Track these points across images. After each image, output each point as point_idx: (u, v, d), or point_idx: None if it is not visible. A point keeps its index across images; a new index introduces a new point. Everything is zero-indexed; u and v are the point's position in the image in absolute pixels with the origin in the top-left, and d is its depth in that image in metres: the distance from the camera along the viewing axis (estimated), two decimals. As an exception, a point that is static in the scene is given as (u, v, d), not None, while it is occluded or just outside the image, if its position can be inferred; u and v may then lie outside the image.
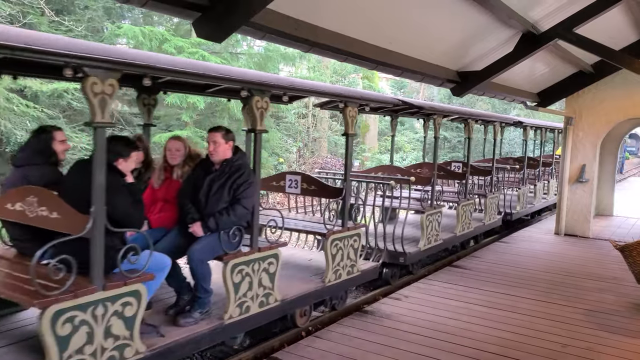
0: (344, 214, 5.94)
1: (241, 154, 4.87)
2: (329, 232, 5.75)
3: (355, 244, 6.17)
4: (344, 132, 5.96)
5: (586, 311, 6.20)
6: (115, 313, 3.68)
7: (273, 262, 5.03)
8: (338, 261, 5.90)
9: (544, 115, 22.76)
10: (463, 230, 9.31)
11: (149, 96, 5.61)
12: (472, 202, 9.66)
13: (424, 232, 7.92)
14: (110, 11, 16.92)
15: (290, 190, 6.45)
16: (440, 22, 6.40)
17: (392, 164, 10.10)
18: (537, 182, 13.74)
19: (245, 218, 4.72)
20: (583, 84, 10.47)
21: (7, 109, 12.33)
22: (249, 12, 3.93)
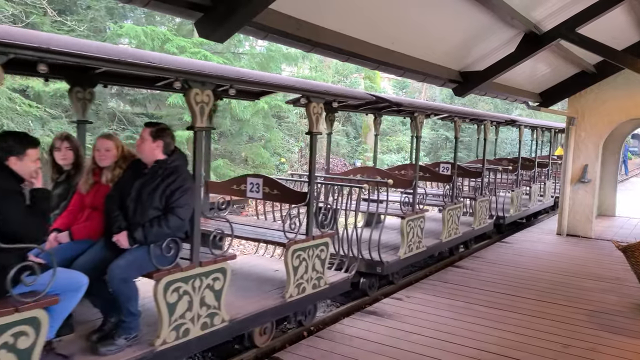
0: (309, 221, 5.41)
1: (178, 155, 4.29)
2: (290, 242, 5.21)
3: (322, 254, 5.62)
4: (308, 131, 5.40)
5: (588, 312, 6.19)
6: (4, 346, 3.04)
7: (219, 277, 4.45)
8: (301, 274, 5.35)
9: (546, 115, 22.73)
10: (450, 236, 8.76)
11: (83, 89, 4.98)
12: (460, 206, 9.13)
13: (404, 239, 7.35)
14: (113, 11, 16.95)
15: (252, 195, 5.94)
16: (443, 22, 6.40)
17: (375, 165, 9.56)
18: (533, 183, 13.22)
19: (180, 229, 4.17)
20: (585, 84, 10.45)
21: (9, 108, 12.35)
22: (251, 12, 3.93)
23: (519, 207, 11.97)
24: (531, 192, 13.00)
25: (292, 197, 5.66)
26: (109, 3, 16.05)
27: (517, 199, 11.80)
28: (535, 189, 13.28)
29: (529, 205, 12.79)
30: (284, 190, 5.77)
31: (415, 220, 7.60)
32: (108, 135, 4.59)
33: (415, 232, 7.62)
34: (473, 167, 11.11)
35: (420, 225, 7.74)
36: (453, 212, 8.78)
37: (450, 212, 8.67)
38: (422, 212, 7.80)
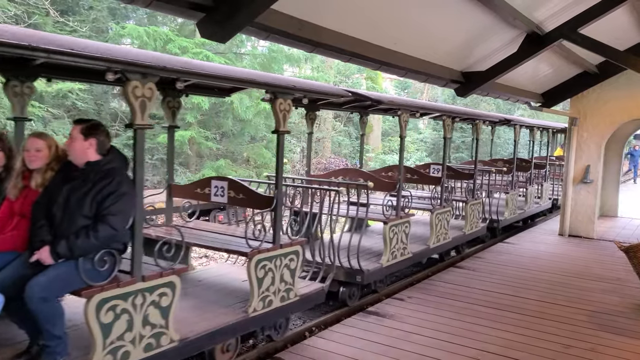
0: (276, 228, 4.97)
1: (114, 156, 3.81)
2: (254, 252, 4.75)
3: (293, 264, 5.16)
4: (275, 129, 4.92)
5: (590, 312, 6.18)
6: None
7: (166, 293, 3.96)
8: (267, 286, 4.89)
9: (548, 115, 22.70)
10: (438, 241, 8.29)
11: (21, 84, 4.55)
12: (449, 209, 8.65)
13: (387, 245, 6.90)
14: (115, 11, 16.99)
15: (217, 199, 5.46)
16: (445, 23, 6.40)
17: (360, 167, 9.19)
18: (529, 185, 12.73)
19: (115, 240, 3.66)
20: (587, 84, 10.44)
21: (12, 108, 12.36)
22: (253, 12, 3.93)
23: (514, 210, 11.61)
24: (527, 194, 12.54)
25: (259, 201, 5.20)
26: (111, 3, 16.09)
27: (512, 202, 11.44)
28: (531, 191, 12.84)
29: (525, 208, 12.40)
30: (250, 194, 5.29)
31: (400, 226, 7.14)
32: (39, 134, 4.02)
33: (400, 238, 7.17)
34: (466, 168, 10.68)
35: (405, 230, 7.28)
36: (442, 216, 8.35)
37: (438, 216, 8.24)
38: (407, 217, 7.33)
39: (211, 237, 5.35)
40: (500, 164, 12.21)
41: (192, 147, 17.37)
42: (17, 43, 2.89)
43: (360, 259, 6.64)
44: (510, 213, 11.33)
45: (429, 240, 8.10)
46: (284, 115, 4.88)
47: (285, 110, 4.88)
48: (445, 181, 8.61)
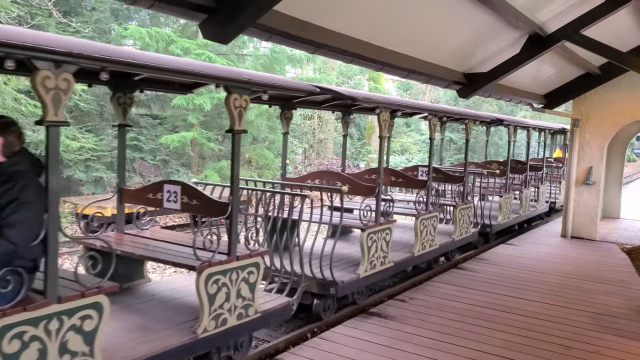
0: (231, 238, 4.52)
1: (21, 158, 3.33)
2: (203, 265, 4.26)
3: (252, 278, 4.70)
4: (229, 129, 4.50)
5: (592, 314, 6.17)
6: None
7: (91, 315, 3.45)
8: (220, 303, 4.42)
9: (550, 117, 22.69)
10: (424, 248, 7.77)
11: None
12: (436, 214, 8.13)
13: (365, 254, 6.38)
14: (118, 12, 17.04)
15: (170, 205, 4.95)
16: (447, 24, 6.40)
17: (344, 169, 8.81)
18: (524, 188, 12.22)
19: (16, 256, 3.12)
20: (590, 85, 10.43)
21: (15, 109, 12.41)
22: (255, 13, 3.94)
23: (508, 214, 11.17)
24: (522, 197, 12.04)
25: (213, 208, 4.68)
26: (114, 4, 16.13)
27: (506, 205, 10.98)
28: (526, 194, 12.32)
29: (520, 212, 11.96)
30: (204, 200, 4.77)
31: (379, 233, 6.61)
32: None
33: (379, 246, 6.64)
34: (457, 170, 10.20)
35: (386, 238, 6.75)
36: (428, 221, 7.83)
37: (424, 221, 7.73)
38: (388, 223, 6.80)
39: (161, 248, 4.85)
40: (495, 166, 11.86)
41: (194, 148, 17.40)
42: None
43: (337, 269, 6.28)
44: (504, 217, 10.93)
45: (414, 248, 7.59)
46: (239, 113, 4.42)
47: (241, 107, 4.43)
48: (431, 184, 8.14)
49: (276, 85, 4.78)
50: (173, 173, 17.09)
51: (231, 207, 4.51)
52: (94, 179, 14.86)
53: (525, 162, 12.62)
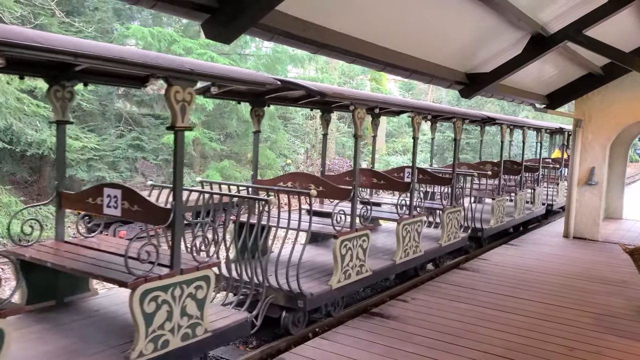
0: (174, 249, 4.05)
1: None
2: (138, 281, 3.76)
3: (200, 293, 4.22)
4: (171, 125, 4.00)
5: (594, 315, 6.16)
6: None
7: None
8: (160, 322, 3.92)
9: (553, 117, 22.66)
10: (406, 255, 7.32)
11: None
12: (421, 219, 7.65)
13: (338, 264, 5.91)
14: (120, 12, 17.06)
15: (110, 211, 4.44)
16: (449, 24, 6.40)
17: (324, 170, 8.50)
18: (519, 190, 11.74)
19: None
20: (592, 86, 10.42)
21: (18, 109, 12.44)
22: (258, 13, 3.94)
23: (501, 218, 10.72)
24: (516, 200, 11.56)
25: (154, 215, 4.18)
26: (117, 4, 16.15)
27: (498, 208, 10.57)
28: (521, 197, 11.84)
29: (515, 215, 11.50)
30: (146, 206, 4.27)
31: (355, 240, 6.13)
32: None
33: (355, 254, 6.18)
34: (446, 171, 9.71)
35: (363, 245, 6.30)
36: (411, 226, 7.37)
37: (407, 226, 7.27)
38: (365, 229, 6.34)
39: (98, 259, 4.34)
40: (489, 167, 11.44)
41: (196, 148, 17.41)
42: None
43: (309, 279, 5.97)
44: (496, 221, 10.51)
45: (395, 255, 7.16)
46: (182, 108, 3.93)
47: (185, 101, 3.95)
48: (415, 187, 7.73)
49: (225, 77, 4.23)
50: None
51: (173, 214, 4.01)
52: (96, 179, 14.88)
53: (520, 163, 12.22)
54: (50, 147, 13.31)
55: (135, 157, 16.61)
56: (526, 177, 12.58)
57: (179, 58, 4.03)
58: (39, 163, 15.22)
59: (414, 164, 7.84)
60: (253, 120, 6.77)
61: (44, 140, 13.16)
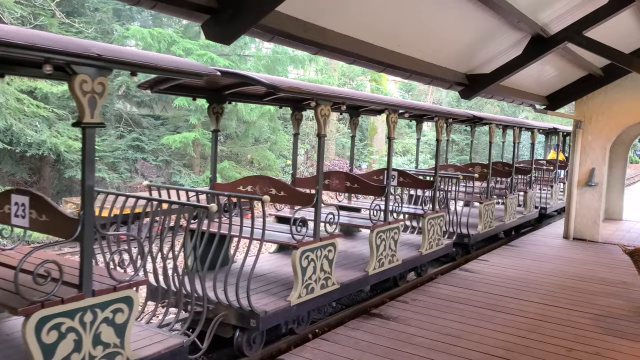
0: (83, 267, 3.40)
1: None
2: (30, 308, 3.15)
3: (120, 317, 3.60)
4: (77, 121, 3.34)
5: (594, 316, 6.16)
6: None
7: None
8: (65, 354, 3.32)
9: (552, 118, 22.67)
10: (381, 265, 6.73)
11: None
12: (398, 225, 7.05)
13: (298, 277, 5.30)
14: (120, 13, 17.08)
15: (18, 222, 3.80)
16: (449, 25, 6.40)
17: (295, 173, 7.71)
18: (509, 193, 11.20)
19: None
20: (592, 87, 10.43)
21: (17, 109, 12.46)
22: (258, 14, 3.94)
23: (489, 222, 10.17)
24: (506, 203, 11.00)
25: (62, 226, 3.54)
26: (117, 5, 16.17)
27: (487, 213, 9.99)
28: (512, 200, 11.26)
29: (505, 220, 10.97)
30: (54, 215, 3.59)
31: (318, 250, 5.53)
32: None
33: (319, 266, 5.56)
34: (430, 174, 9.01)
35: (328, 256, 5.70)
36: (385, 234, 6.79)
37: (381, 234, 6.69)
38: (331, 238, 5.74)
39: None
40: (478, 169, 10.87)
41: (196, 149, 17.42)
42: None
43: (266, 294, 5.43)
44: (484, 226, 9.95)
45: (368, 266, 6.58)
46: (91, 101, 3.27)
47: (95, 92, 3.28)
48: (392, 190, 7.27)
49: (147, 65, 3.46)
50: (175, 174, 17.12)
51: (82, 225, 3.35)
52: (95, 180, 14.89)
53: (510, 165, 11.67)
54: (50, 148, 13.32)
55: (135, 158, 16.63)
56: (518, 179, 12.13)
57: (85, 41, 3.28)
58: (39, 164, 15.22)
59: (389, 166, 7.06)
60: (211, 118, 6.24)
61: (44, 141, 13.17)
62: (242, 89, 5.94)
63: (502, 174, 11.62)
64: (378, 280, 6.88)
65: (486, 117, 10.24)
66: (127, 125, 16.90)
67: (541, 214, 13.48)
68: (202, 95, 6.18)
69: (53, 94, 13.35)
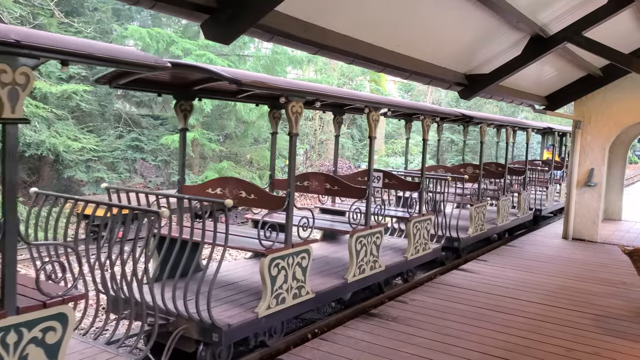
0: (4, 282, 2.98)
1: None
2: None
3: (51, 337, 3.20)
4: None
5: (593, 316, 6.16)
6: None
7: None
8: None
9: (551, 118, 22.68)
10: (362, 272, 6.38)
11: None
12: (381, 229, 6.71)
13: (267, 287, 4.95)
14: (119, 13, 17.06)
15: None
16: (449, 25, 6.40)
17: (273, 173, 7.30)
18: (502, 195, 10.84)
19: None
20: (592, 87, 10.44)
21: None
22: (258, 14, 3.94)
23: (481, 225, 9.87)
24: (499, 205, 10.70)
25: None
26: (116, 4, 16.16)
27: (478, 215, 9.70)
28: (504, 202, 10.93)
29: (497, 222, 10.68)
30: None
31: (290, 257, 5.19)
32: None
33: (291, 274, 5.22)
34: (417, 174, 8.59)
35: (301, 263, 5.35)
36: (366, 239, 6.43)
37: (361, 239, 6.33)
38: (304, 244, 5.37)
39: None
40: (470, 170, 10.49)
41: (195, 149, 17.41)
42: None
43: (233, 305, 5.08)
44: (475, 229, 9.63)
45: (348, 272, 6.23)
46: (11, 93, 2.86)
47: (17, 84, 2.88)
48: (373, 192, 6.94)
49: (77, 53, 2.98)
50: (174, 174, 17.11)
51: (2, 233, 2.95)
52: (94, 180, 14.88)
53: (503, 166, 11.35)
54: (49, 148, 13.31)
55: (134, 158, 16.62)
56: (511, 180, 11.83)
57: (4, 26, 2.84)
58: (38, 163, 15.21)
59: (370, 167, 6.65)
60: (179, 116, 5.86)
61: (43, 141, 13.15)
62: (211, 85, 5.50)
63: (494, 175, 11.34)
64: (358, 288, 6.56)
65: (477, 116, 9.84)
66: (126, 125, 16.89)
67: (536, 215, 13.22)
68: (168, 91, 5.80)
69: (52, 93, 13.33)
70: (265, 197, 5.54)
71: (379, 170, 8.27)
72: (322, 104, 6.66)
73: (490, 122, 10.44)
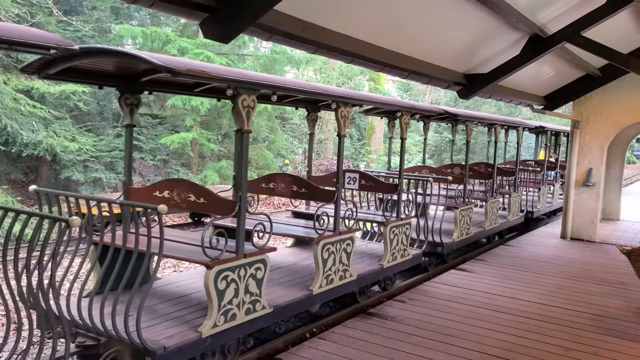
0: None
1: None
2: None
3: None
4: None
5: (592, 315, 6.16)
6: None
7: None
8: None
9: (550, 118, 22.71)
10: (330, 283, 5.78)
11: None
12: (350, 237, 6.05)
13: (213, 302, 4.36)
14: (118, 11, 17.03)
15: None
16: (447, 25, 6.40)
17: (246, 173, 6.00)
18: (490, 197, 10.31)
19: None
20: (590, 87, 10.45)
21: (14, 109, 12.41)
22: (257, 13, 3.94)
23: (467, 229, 9.32)
24: (486, 207, 10.18)
25: None
26: (115, 3, 16.12)
27: (463, 219, 9.16)
28: (492, 204, 10.37)
29: (485, 225, 10.15)
30: None
31: (242, 269, 4.61)
32: None
33: (243, 287, 4.64)
34: (394, 175, 8.06)
35: (256, 275, 4.78)
36: (335, 246, 5.83)
37: (328, 246, 5.72)
38: (259, 254, 4.79)
39: None
40: (457, 170, 9.94)
41: (194, 148, 17.40)
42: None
43: (176, 322, 4.52)
44: (461, 233, 9.09)
45: (313, 284, 5.63)
46: None
47: None
48: (344, 196, 6.48)
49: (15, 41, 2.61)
50: (173, 173, 17.10)
51: None
52: (92, 180, 14.86)
53: (492, 166, 10.73)
54: (46, 148, 13.28)
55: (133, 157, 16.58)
56: (501, 181, 11.37)
57: None
58: (36, 163, 15.18)
59: (339, 168, 5.97)
60: (124, 111, 5.22)
61: (40, 141, 13.12)
62: (160, 77, 4.89)
63: (482, 176, 10.72)
64: (326, 300, 5.96)
65: (461, 113, 9.08)
66: (124, 124, 16.85)
67: (527, 218, 12.68)
68: (110, 83, 5.12)
69: (50, 94, 13.31)
70: (214, 201, 4.92)
71: (355, 171, 7.67)
72: (291, 100, 6.30)
73: (476, 120, 9.73)
